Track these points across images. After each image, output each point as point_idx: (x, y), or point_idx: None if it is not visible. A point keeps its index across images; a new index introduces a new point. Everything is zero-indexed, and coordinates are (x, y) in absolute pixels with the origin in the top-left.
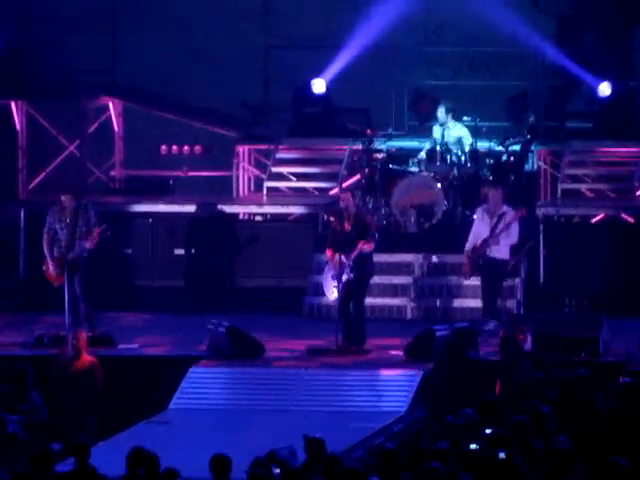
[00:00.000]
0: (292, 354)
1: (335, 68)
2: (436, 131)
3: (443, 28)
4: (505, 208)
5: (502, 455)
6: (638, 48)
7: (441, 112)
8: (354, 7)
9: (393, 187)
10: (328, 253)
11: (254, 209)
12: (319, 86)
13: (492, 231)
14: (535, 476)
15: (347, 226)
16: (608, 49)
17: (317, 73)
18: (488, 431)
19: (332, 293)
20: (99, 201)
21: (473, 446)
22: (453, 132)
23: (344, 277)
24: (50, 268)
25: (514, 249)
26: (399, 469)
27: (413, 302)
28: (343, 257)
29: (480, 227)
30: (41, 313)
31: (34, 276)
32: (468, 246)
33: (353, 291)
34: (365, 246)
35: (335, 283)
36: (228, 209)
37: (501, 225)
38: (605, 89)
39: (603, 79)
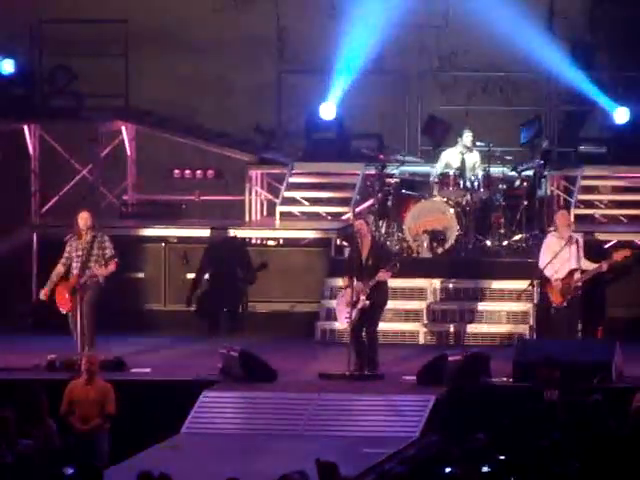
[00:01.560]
0: (304, 379)
1: (348, 93)
2: (452, 156)
3: (457, 53)
4: (571, 232)
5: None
6: None
7: (468, 137)
8: (367, 32)
9: (406, 212)
10: (344, 281)
11: (267, 234)
12: (328, 111)
13: (578, 260)
14: None
15: (363, 253)
16: (622, 73)
17: (330, 98)
18: (501, 457)
19: (345, 320)
20: (111, 225)
21: (485, 469)
22: (472, 157)
23: (360, 304)
24: (62, 293)
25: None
26: None
27: (426, 327)
28: (360, 284)
29: (563, 254)
30: (53, 336)
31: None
32: (554, 274)
33: (367, 317)
34: (385, 275)
35: (349, 309)
36: (240, 233)
37: (579, 253)
38: (622, 115)
39: (617, 104)
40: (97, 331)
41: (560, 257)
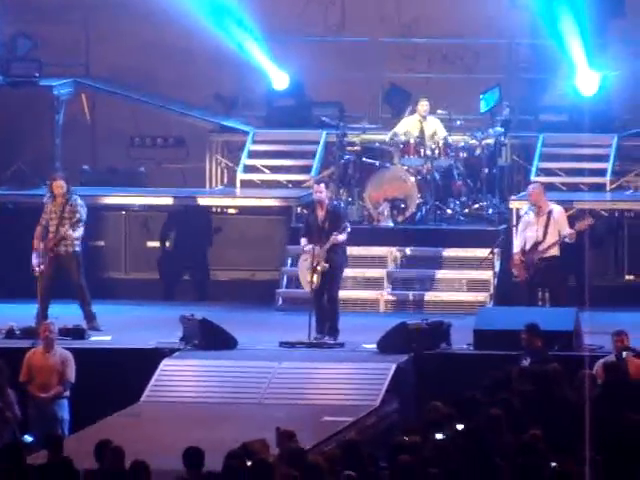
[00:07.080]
0: (265, 347)
1: (309, 61)
2: (411, 124)
3: (417, 21)
4: (551, 205)
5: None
6: (614, 41)
7: (424, 105)
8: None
9: (367, 180)
10: (302, 242)
11: (227, 201)
12: (281, 81)
13: (545, 234)
14: (507, 469)
15: (320, 216)
16: (583, 41)
17: (290, 66)
18: (460, 426)
19: (308, 283)
20: None
21: (439, 436)
22: (430, 125)
23: (319, 268)
24: (36, 259)
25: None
26: (366, 461)
27: (386, 295)
28: (317, 248)
29: (528, 228)
30: (12, 303)
31: (5, 266)
32: (517, 249)
33: (327, 281)
34: (338, 237)
35: (310, 273)
36: (201, 201)
37: (551, 225)
38: (582, 82)
39: (579, 72)
40: (56, 298)
41: (532, 230)
